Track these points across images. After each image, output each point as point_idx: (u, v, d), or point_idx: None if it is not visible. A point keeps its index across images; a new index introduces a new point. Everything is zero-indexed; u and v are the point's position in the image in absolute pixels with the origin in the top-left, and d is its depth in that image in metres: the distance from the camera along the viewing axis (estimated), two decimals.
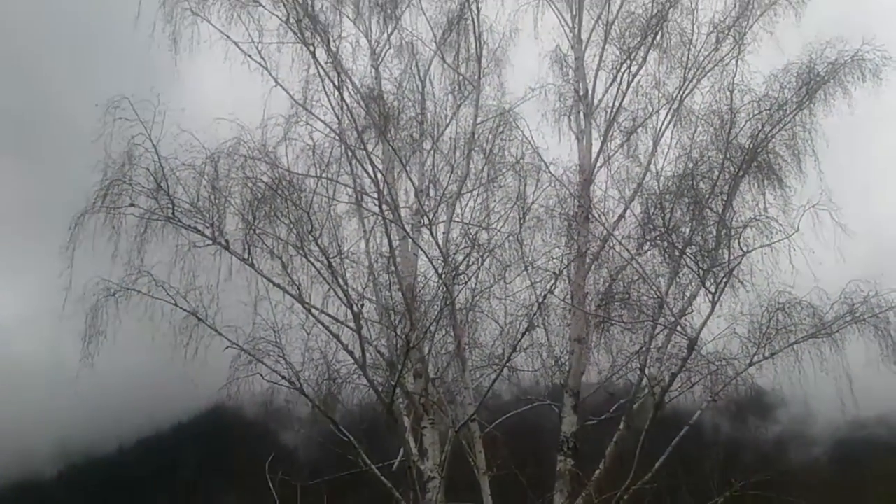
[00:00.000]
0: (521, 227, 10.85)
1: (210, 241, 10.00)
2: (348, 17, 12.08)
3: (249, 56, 10.80)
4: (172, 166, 9.77)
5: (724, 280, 9.22)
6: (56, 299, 9.54)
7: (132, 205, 9.70)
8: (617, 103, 11.45)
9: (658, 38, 11.36)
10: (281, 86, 10.95)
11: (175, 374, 10.16)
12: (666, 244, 10.05)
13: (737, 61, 10.55)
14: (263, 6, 10.81)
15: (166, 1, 10.75)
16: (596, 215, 10.76)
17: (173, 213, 9.81)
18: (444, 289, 10.11)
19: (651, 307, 10.24)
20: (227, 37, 10.77)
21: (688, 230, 10.04)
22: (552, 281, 10.41)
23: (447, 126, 12.03)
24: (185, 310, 9.81)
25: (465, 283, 10.23)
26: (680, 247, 9.90)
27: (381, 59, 12.14)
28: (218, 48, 10.73)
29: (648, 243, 10.49)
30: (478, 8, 12.19)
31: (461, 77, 12.28)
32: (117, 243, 9.71)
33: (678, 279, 10.18)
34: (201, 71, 11.38)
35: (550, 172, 10.97)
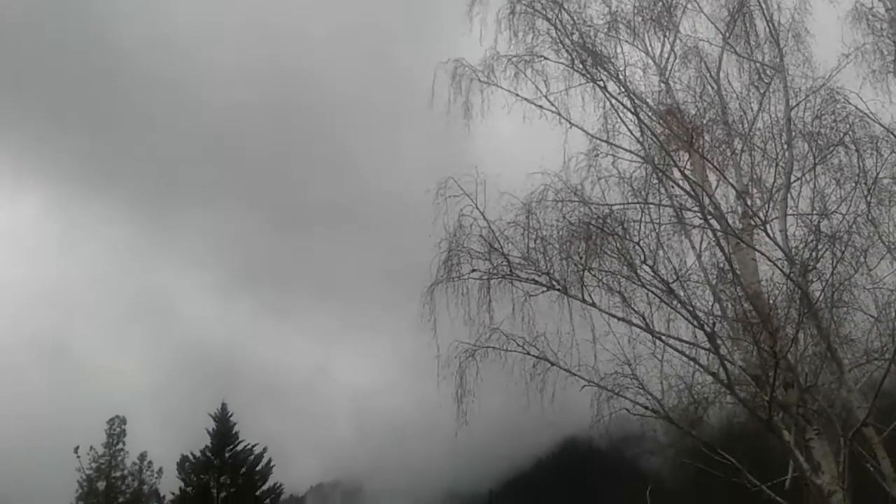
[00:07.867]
0: (868, 207, 9.82)
1: (546, 289, 10.44)
2: (626, 40, 12.05)
3: (541, 107, 11.24)
4: (500, 227, 10.46)
5: None
6: (410, 363, 10.62)
7: (473, 270, 10.51)
8: None
9: None
10: (577, 126, 11.23)
11: (529, 417, 10.72)
12: None
13: None
14: (547, 58, 11.23)
15: (455, 76, 11.61)
16: None
17: (510, 270, 10.44)
18: (799, 290, 9.44)
19: None
20: (518, 95, 11.33)
21: None
22: None
23: (755, 120, 11.37)
24: (535, 356, 10.33)
25: (822, 278, 9.46)
26: None
27: (668, 73, 11.90)
28: (512, 109, 11.28)
29: None
30: None
31: (759, 64, 11.58)
32: (467, 307, 10.56)
33: None
34: (495, 130, 12.01)
35: (894, 136, 9.79)
